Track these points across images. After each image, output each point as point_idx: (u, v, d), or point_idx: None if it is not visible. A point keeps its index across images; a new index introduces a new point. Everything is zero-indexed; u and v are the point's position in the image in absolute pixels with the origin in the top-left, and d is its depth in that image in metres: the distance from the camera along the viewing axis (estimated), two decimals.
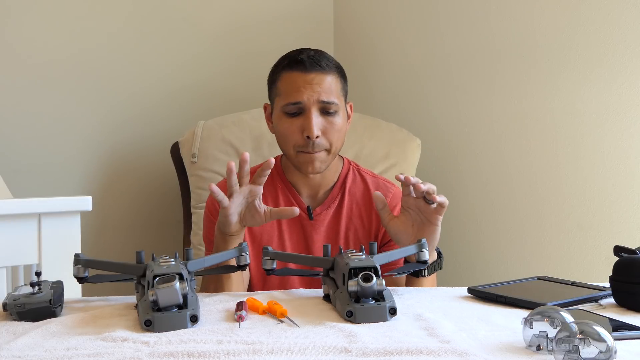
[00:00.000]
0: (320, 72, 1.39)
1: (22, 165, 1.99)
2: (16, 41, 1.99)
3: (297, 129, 1.39)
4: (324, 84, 1.39)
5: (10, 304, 0.95)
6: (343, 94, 1.44)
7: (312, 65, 1.38)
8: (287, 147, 1.43)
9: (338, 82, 1.42)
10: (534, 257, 1.85)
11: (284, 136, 1.42)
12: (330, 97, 1.39)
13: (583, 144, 1.72)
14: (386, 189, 1.51)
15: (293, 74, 1.40)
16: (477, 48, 1.99)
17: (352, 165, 1.54)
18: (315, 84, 1.38)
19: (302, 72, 1.38)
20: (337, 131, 1.41)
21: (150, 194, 2.21)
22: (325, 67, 1.40)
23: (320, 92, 1.38)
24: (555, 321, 0.77)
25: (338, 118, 1.41)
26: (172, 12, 2.21)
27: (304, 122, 1.38)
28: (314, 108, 1.38)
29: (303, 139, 1.39)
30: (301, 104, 1.38)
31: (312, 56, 1.40)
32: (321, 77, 1.39)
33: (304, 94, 1.37)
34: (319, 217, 1.47)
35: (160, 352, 0.78)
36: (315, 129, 1.37)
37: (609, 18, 1.65)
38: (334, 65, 1.43)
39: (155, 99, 2.19)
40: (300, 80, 1.38)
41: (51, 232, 1.41)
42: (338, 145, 1.43)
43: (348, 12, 2.46)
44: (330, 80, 1.40)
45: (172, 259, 1.00)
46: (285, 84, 1.41)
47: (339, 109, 1.41)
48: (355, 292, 0.95)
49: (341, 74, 1.45)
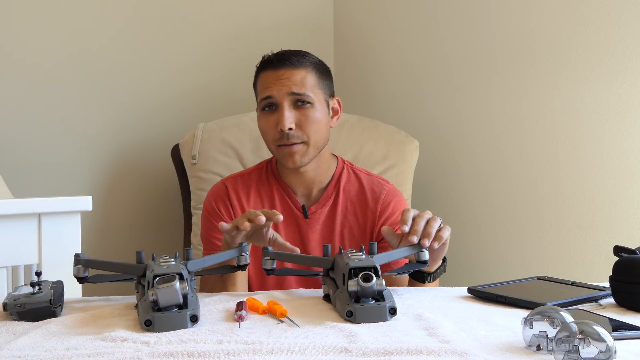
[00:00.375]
0: (290, 67, 1.43)
1: (22, 165, 2.00)
2: (17, 42, 1.99)
3: (272, 124, 1.43)
4: (294, 78, 1.42)
5: (11, 304, 0.95)
6: (321, 87, 1.46)
7: (280, 62, 1.43)
8: (268, 143, 1.47)
9: (313, 77, 1.45)
10: (534, 257, 1.85)
11: (263, 133, 1.47)
12: (301, 89, 1.42)
13: (583, 144, 1.72)
14: (380, 186, 1.53)
15: (265, 73, 1.45)
16: (476, 49, 1.99)
17: (346, 164, 1.56)
18: (284, 79, 1.42)
19: (272, 69, 1.44)
20: (313, 123, 1.42)
21: (151, 194, 2.21)
22: (297, 63, 1.43)
23: (290, 85, 1.41)
24: (555, 321, 0.77)
25: (313, 110, 1.43)
26: (173, 15, 2.21)
27: (277, 116, 1.42)
28: (285, 102, 1.41)
29: (279, 133, 1.42)
30: (272, 98, 1.42)
31: (281, 54, 1.46)
32: (291, 72, 1.42)
33: (273, 89, 1.42)
34: (314, 215, 1.49)
35: (160, 352, 0.78)
36: (287, 121, 1.40)
37: (609, 18, 1.65)
38: (309, 61, 1.46)
39: (156, 101, 2.19)
40: (271, 76, 1.43)
41: (51, 232, 1.41)
42: (317, 138, 1.44)
43: (348, 16, 2.46)
44: (302, 74, 1.43)
45: (172, 259, 1.00)
46: (260, 83, 1.47)
47: (313, 101, 1.43)
48: (355, 292, 0.95)
49: (319, 70, 1.47)
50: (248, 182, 1.53)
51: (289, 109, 1.41)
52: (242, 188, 1.52)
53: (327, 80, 1.50)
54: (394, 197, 1.53)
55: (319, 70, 1.47)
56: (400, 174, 1.97)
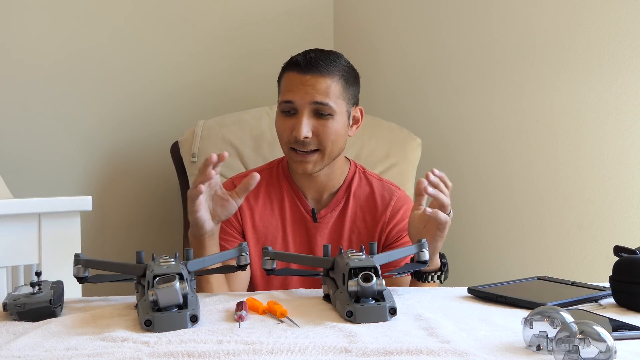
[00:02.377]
0: (317, 74, 1.38)
1: (22, 165, 1.99)
2: (15, 41, 1.98)
3: (288, 127, 1.40)
4: (319, 86, 1.38)
5: (10, 304, 0.95)
6: (344, 97, 1.42)
7: (307, 67, 1.38)
8: (282, 144, 1.45)
9: (338, 86, 1.40)
10: (534, 257, 1.85)
11: (279, 134, 1.45)
12: (324, 98, 1.37)
13: (583, 144, 1.72)
14: (391, 192, 1.52)
15: (291, 74, 1.41)
16: (478, 48, 1.99)
17: (358, 168, 1.54)
18: (309, 86, 1.38)
19: (298, 72, 1.39)
20: (331, 134, 1.39)
21: (150, 193, 2.21)
22: (324, 70, 1.38)
23: (314, 94, 1.37)
24: (555, 321, 0.77)
25: (333, 121, 1.39)
26: (171, 11, 2.21)
27: (295, 122, 1.39)
28: (305, 109, 1.38)
29: (293, 138, 1.40)
30: (293, 103, 1.39)
31: (310, 58, 1.40)
32: (317, 79, 1.38)
33: (296, 94, 1.38)
34: (323, 219, 1.48)
35: (160, 352, 0.78)
36: (304, 130, 1.37)
37: (609, 18, 1.65)
38: (338, 68, 1.41)
39: (155, 99, 2.19)
40: (296, 80, 1.39)
41: (51, 232, 1.41)
42: (333, 149, 1.42)
43: (348, 11, 2.46)
44: (328, 82, 1.38)
45: (172, 259, 1.00)
46: (285, 83, 1.43)
47: (334, 112, 1.39)
48: (355, 292, 0.95)
49: (346, 78, 1.42)
50: (258, 182, 1.52)
51: (308, 116, 1.38)
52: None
53: (353, 88, 1.45)
54: (404, 203, 1.51)
55: (345, 78, 1.42)
56: (402, 173, 1.97)
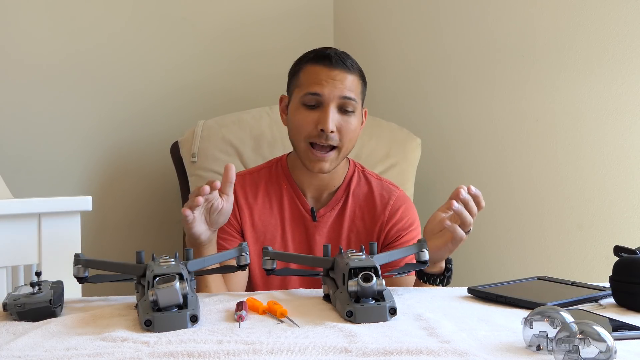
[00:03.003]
0: (345, 70, 1.41)
1: (22, 165, 1.99)
2: (15, 41, 1.98)
3: (312, 120, 1.40)
4: (346, 82, 1.40)
5: (10, 304, 0.95)
6: (361, 97, 1.46)
7: (337, 62, 1.41)
8: (298, 138, 1.43)
9: (359, 85, 1.44)
10: (534, 257, 1.85)
11: (298, 127, 1.42)
12: (352, 94, 1.41)
13: (583, 144, 1.72)
14: (389, 192, 1.52)
15: (317, 67, 1.41)
16: (478, 48, 1.99)
17: (357, 167, 1.55)
18: (337, 80, 1.39)
19: (326, 66, 1.40)
20: (351, 131, 1.42)
21: (150, 193, 2.21)
22: (350, 67, 1.42)
23: (343, 89, 1.39)
24: (555, 321, 0.77)
25: (354, 118, 1.42)
26: (171, 11, 2.21)
27: (320, 115, 1.39)
28: (332, 103, 1.39)
29: (317, 132, 1.39)
30: (321, 96, 1.39)
31: (339, 54, 1.43)
32: (344, 75, 1.40)
33: (325, 87, 1.39)
34: (322, 218, 1.48)
35: (160, 352, 0.78)
36: (331, 123, 1.38)
37: (609, 18, 1.65)
38: (357, 67, 1.45)
39: (155, 99, 2.19)
40: (323, 73, 1.40)
41: (51, 232, 1.41)
42: (349, 147, 1.44)
43: (348, 12, 2.46)
44: (352, 79, 1.42)
45: (172, 259, 1.00)
46: (308, 75, 1.42)
47: (356, 108, 1.42)
48: (355, 292, 0.95)
49: (362, 78, 1.46)
50: (257, 181, 1.51)
51: (334, 111, 1.39)
52: (250, 186, 1.50)
53: (365, 89, 1.49)
54: (403, 203, 1.51)
55: (362, 78, 1.46)
56: (402, 173, 1.97)
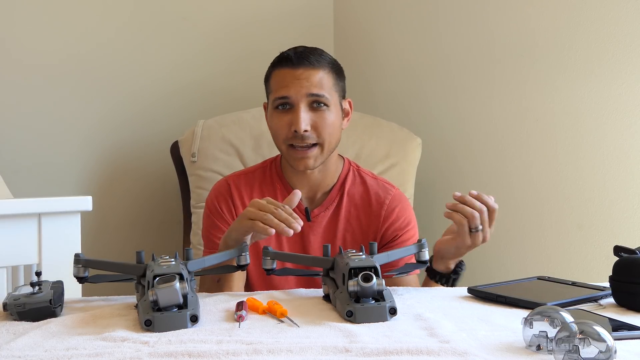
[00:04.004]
0: (309, 67, 1.39)
1: (22, 165, 1.99)
2: (15, 41, 1.98)
3: (285, 123, 1.40)
4: (313, 79, 1.39)
5: (11, 303, 0.95)
6: (337, 89, 1.44)
7: (299, 61, 1.39)
8: (278, 142, 1.44)
9: (330, 78, 1.42)
10: (534, 257, 1.85)
11: (275, 131, 1.43)
12: (319, 90, 1.39)
13: (583, 144, 1.72)
14: (385, 191, 1.51)
15: (282, 70, 1.41)
16: (478, 47, 1.99)
17: (352, 166, 1.54)
18: (303, 79, 1.39)
19: (290, 67, 1.40)
20: (328, 125, 1.40)
21: (150, 193, 2.21)
22: (315, 62, 1.40)
23: (309, 87, 1.38)
24: (555, 321, 0.77)
25: (329, 113, 1.41)
26: (171, 11, 2.21)
27: (292, 117, 1.39)
28: (302, 103, 1.38)
29: (292, 133, 1.39)
30: (289, 98, 1.39)
31: (300, 52, 1.42)
32: (310, 72, 1.39)
33: (291, 89, 1.39)
34: (316, 218, 1.47)
35: (160, 352, 0.78)
36: (303, 123, 1.37)
37: (609, 18, 1.65)
38: (326, 61, 1.43)
39: (155, 98, 2.19)
40: (288, 75, 1.40)
41: (51, 232, 1.41)
42: (331, 141, 1.42)
43: (348, 11, 2.46)
44: (320, 75, 1.40)
45: (172, 259, 1.00)
46: (275, 80, 1.42)
47: (329, 103, 1.41)
48: (355, 292, 0.95)
49: (335, 70, 1.45)
50: (251, 181, 1.51)
51: (305, 110, 1.38)
52: (245, 187, 1.50)
53: (342, 81, 1.47)
54: (399, 202, 1.50)
55: (335, 71, 1.45)
56: (402, 173, 1.97)
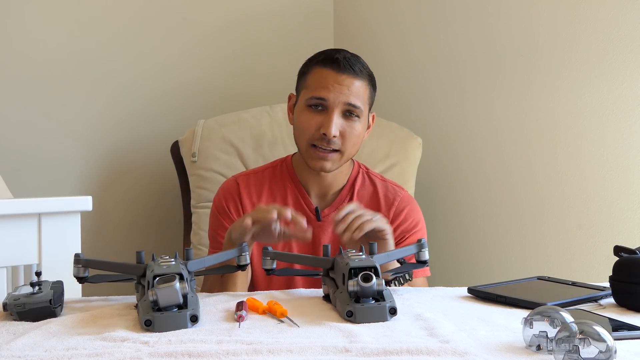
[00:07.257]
0: (352, 75, 1.39)
1: (22, 165, 1.99)
2: (16, 40, 1.98)
3: (315, 123, 1.39)
4: (353, 88, 1.39)
5: (11, 303, 0.95)
6: (369, 102, 1.45)
7: (345, 67, 1.39)
8: (301, 139, 1.43)
9: (367, 90, 1.42)
10: (534, 257, 1.85)
11: (301, 129, 1.42)
12: (357, 101, 1.39)
13: (583, 144, 1.72)
14: (394, 192, 1.52)
15: (325, 70, 1.40)
16: (478, 47, 1.99)
17: (362, 168, 1.55)
18: (344, 86, 1.38)
19: (334, 70, 1.39)
20: (355, 136, 1.41)
21: (151, 193, 2.21)
22: (358, 72, 1.40)
23: (349, 95, 1.38)
24: (555, 321, 0.77)
25: (358, 123, 1.41)
26: (171, 11, 2.21)
27: (324, 119, 1.38)
28: (337, 108, 1.38)
29: (319, 135, 1.39)
30: (326, 101, 1.38)
31: (348, 58, 1.41)
32: (352, 80, 1.39)
33: (331, 92, 1.38)
34: (326, 218, 1.47)
35: (160, 352, 0.78)
36: (334, 128, 1.37)
37: (609, 18, 1.65)
38: (367, 72, 1.43)
39: (155, 98, 2.19)
40: (330, 78, 1.39)
41: (51, 232, 1.41)
42: (352, 151, 1.43)
43: (348, 10, 2.46)
44: (359, 85, 1.40)
45: (172, 259, 1.00)
46: (315, 78, 1.41)
47: (361, 114, 1.41)
48: (355, 292, 0.95)
49: (372, 83, 1.45)
50: (261, 181, 1.51)
51: (338, 115, 1.38)
52: (255, 186, 1.50)
53: (374, 94, 1.48)
54: (408, 204, 1.51)
55: (372, 83, 1.45)
56: (403, 172, 1.97)
